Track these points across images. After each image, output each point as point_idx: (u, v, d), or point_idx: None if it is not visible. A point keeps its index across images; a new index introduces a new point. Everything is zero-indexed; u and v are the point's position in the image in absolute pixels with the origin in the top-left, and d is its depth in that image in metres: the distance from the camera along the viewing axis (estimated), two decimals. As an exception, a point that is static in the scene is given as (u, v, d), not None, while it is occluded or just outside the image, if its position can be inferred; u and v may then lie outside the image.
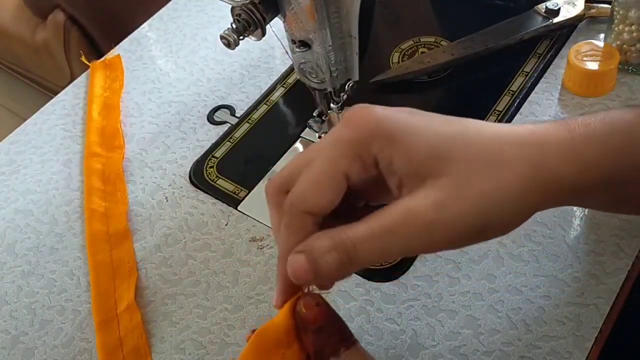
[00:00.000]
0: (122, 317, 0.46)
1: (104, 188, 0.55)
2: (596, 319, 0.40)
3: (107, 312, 0.47)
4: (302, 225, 0.29)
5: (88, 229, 0.52)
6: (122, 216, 0.53)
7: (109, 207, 0.54)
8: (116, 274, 0.49)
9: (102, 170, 0.57)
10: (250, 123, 0.58)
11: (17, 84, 1.67)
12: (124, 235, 0.51)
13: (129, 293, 0.47)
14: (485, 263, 0.44)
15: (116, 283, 0.48)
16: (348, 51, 0.44)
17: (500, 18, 0.58)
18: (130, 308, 0.46)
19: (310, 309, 0.29)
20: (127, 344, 0.45)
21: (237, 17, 0.41)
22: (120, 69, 0.66)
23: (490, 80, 0.56)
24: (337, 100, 0.48)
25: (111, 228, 0.52)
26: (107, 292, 0.48)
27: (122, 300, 0.47)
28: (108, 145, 0.59)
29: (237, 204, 0.52)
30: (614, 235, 0.43)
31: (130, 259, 0.50)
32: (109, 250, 0.50)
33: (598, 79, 0.51)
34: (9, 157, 0.61)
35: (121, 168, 0.57)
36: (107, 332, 0.46)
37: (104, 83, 0.65)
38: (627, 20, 0.51)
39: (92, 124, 0.61)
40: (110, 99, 0.63)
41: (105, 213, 0.53)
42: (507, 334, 0.40)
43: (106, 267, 0.49)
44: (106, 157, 0.58)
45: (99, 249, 0.51)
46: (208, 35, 0.68)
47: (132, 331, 0.45)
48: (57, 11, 1.23)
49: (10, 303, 0.49)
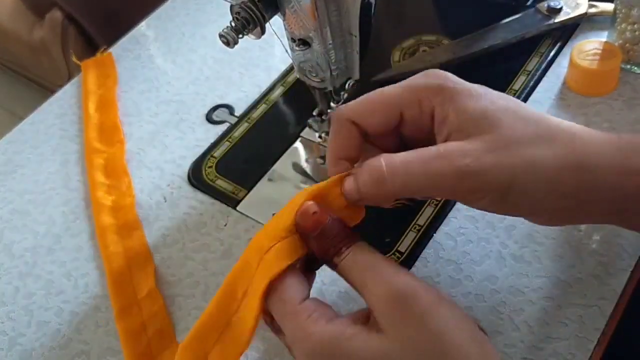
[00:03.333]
0: (144, 303, 0.46)
1: (109, 182, 0.55)
2: (599, 320, 0.40)
3: (126, 298, 0.47)
4: (349, 134, 0.33)
5: (97, 222, 0.52)
6: (130, 207, 0.53)
7: (116, 200, 0.54)
8: (131, 264, 0.49)
9: (105, 165, 0.57)
10: (250, 122, 0.58)
11: (14, 82, 1.67)
12: (134, 225, 0.51)
13: (148, 280, 0.47)
14: (487, 264, 0.43)
15: (132, 272, 0.48)
16: (348, 50, 0.44)
17: (502, 17, 0.58)
18: (152, 293, 0.46)
19: (308, 217, 0.30)
20: (151, 327, 0.45)
21: (236, 16, 0.41)
22: (111, 65, 0.66)
23: (492, 79, 0.55)
24: (337, 99, 0.47)
25: (120, 220, 0.52)
26: (124, 281, 0.48)
27: (141, 287, 0.47)
28: (108, 140, 0.59)
29: (236, 204, 0.51)
30: (616, 236, 0.43)
31: (144, 247, 0.50)
32: (120, 241, 0.50)
33: (600, 78, 0.51)
34: (6, 157, 0.60)
35: (124, 161, 0.57)
36: (128, 318, 0.45)
37: (97, 80, 0.65)
38: (629, 19, 0.50)
39: (89, 121, 0.61)
40: (105, 96, 0.63)
41: (112, 207, 0.53)
42: (509, 335, 0.40)
43: (119, 258, 0.49)
44: (107, 152, 0.58)
45: (110, 241, 0.50)
46: (207, 34, 0.68)
47: (155, 315, 0.45)
48: (55, 10, 1.22)
49: (7, 304, 0.49)
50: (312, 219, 0.30)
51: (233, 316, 0.32)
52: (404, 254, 0.45)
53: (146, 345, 0.44)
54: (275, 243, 0.31)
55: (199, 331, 0.33)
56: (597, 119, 0.50)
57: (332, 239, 0.30)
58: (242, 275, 0.32)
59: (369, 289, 0.29)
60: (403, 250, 0.45)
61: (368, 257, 0.29)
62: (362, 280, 0.29)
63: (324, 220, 0.30)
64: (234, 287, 0.32)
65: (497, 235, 0.45)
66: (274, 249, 0.31)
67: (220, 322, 0.32)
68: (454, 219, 0.46)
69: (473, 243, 0.45)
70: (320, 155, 0.54)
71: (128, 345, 0.44)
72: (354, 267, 0.29)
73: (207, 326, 0.33)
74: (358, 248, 0.30)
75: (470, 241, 0.45)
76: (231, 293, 0.32)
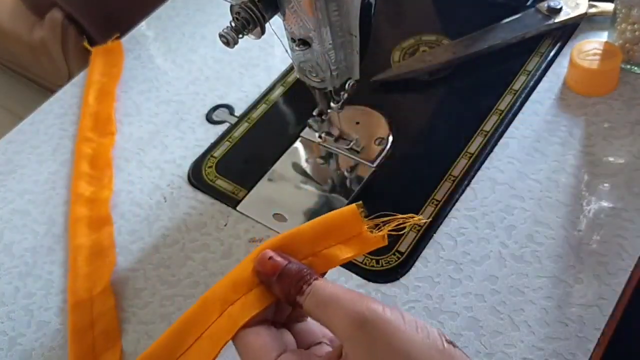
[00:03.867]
0: (97, 300, 0.47)
1: (92, 173, 0.56)
2: (599, 320, 0.40)
3: (82, 293, 0.47)
4: None
5: (72, 212, 0.53)
6: (105, 202, 0.53)
7: (95, 191, 0.54)
8: (94, 258, 0.49)
9: (92, 155, 0.57)
10: (250, 122, 0.58)
11: (14, 82, 1.67)
12: (105, 220, 0.52)
13: (104, 277, 0.48)
14: (487, 264, 0.43)
15: (94, 266, 0.49)
16: (348, 50, 0.44)
17: (502, 17, 0.58)
18: (105, 292, 0.47)
19: (265, 263, 0.31)
20: (98, 326, 0.45)
21: (236, 16, 0.41)
22: (120, 54, 0.67)
23: (492, 79, 0.56)
24: (337, 99, 0.47)
25: (94, 212, 0.52)
26: (84, 275, 0.48)
27: (99, 283, 0.48)
28: (100, 130, 0.59)
29: (236, 204, 0.51)
30: (616, 235, 0.43)
31: (110, 244, 0.50)
32: (89, 234, 0.51)
33: (600, 78, 0.51)
34: (7, 157, 0.60)
35: (110, 154, 0.57)
36: (79, 313, 0.46)
37: (103, 69, 0.65)
38: (629, 19, 0.50)
39: (87, 109, 0.61)
40: (107, 85, 0.64)
41: (90, 197, 0.54)
42: (509, 335, 0.40)
43: (85, 251, 0.50)
44: (97, 142, 0.58)
45: (80, 233, 0.51)
46: (207, 34, 0.68)
47: (105, 314, 0.46)
48: (55, 10, 1.22)
49: (7, 304, 0.49)
50: (269, 263, 0.31)
51: (180, 357, 0.32)
52: (404, 254, 0.45)
53: (91, 343, 0.44)
54: (240, 296, 0.32)
55: None
56: (597, 119, 0.50)
57: (291, 279, 0.31)
58: (199, 320, 0.32)
59: (333, 322, 0.29)
60: (403, 250, 0.45)
61: (328, 291, 0.30)
62: (326, 315, 0.29)
63: (281, 263, 0.31)
64: (188, 329, 0.32)
65: (497, 235, 0.45)
66: (239, 302, 0.32)
67: (166, 357, 0.33)
68: (454, 219, 0.46)
69: (473, 243, 0.45)
70: (320, 155, 0.54)
71: (74, 341, 0.45)
72: (317, 304, 0.30)
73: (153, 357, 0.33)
74: (318, 284, 0.30)
75: (470, 241, 0.45)
76: (184, 333, 0.32)
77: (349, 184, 0.51)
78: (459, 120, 0.53)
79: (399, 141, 0.53)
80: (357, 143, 0.52)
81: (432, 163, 0.51)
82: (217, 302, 0.32)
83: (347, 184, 0.51)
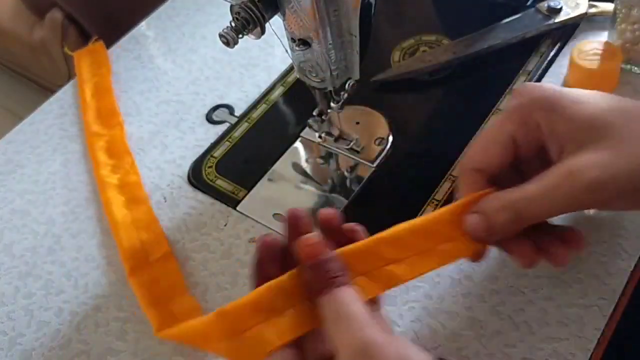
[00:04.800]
0: (156, 264, 0.47)
1: (112, 162, 0.56)
2: (599, 320, 0.40)
3: (137, 260, 0.47)
4: (476, 183, 0.34)
5: (104, 198, 0.52)
6: (136, 185, 0.53)
7: (121, 178, 0.54)
8: (140, 233, 0.49)
9: (107, 147, 0.57)
10: (250, 122, 0.58)
11: (14, 82, 1.67)
12: (141, 200, 0.52)
13: (161, 246, 0.48)
14: (487, 264, 0.43)
15: (142, 240, 0.49)
16: (348, 50, 0.44)
17: (502, 16, 0.58)
18: (166, 256, 0.47)
19: (308, 246, 0.31)
20: (163, 281, 0.46)
21: (236, 16, 0.41)
22: (104, 54, 0.67)
23: (492, 79, 0.56)
24: (337, 99, 0.47)
25: (127, 195, 0.52)
26: (134, 246, 0.48)
27: (154, 252, 0.48)
28: (107, 124, 0.59)
29: (236, 204, 0.51)
30: (616, 235, 0.43)
31: (152, 219, 0.50)
32: (129, 214, 0.51)
33: (601, 78, 0.51)
34: (6, 157, 0.60)
35: (125, 141, 0.57)
36: (141, 274, 0.46)
37: (90, 69, 0.65)
38: (629, 19, 0.50)
39: (87, 107, 0.61)
40: (101, 83, 0.63)
41: (118, 184, 0.53)
42: (509, 335, 0.40)
43: (128, 227, 0.50)
44: (108, 134, 0.58)
45: (118, 213, 0.51)
46: (207, 34, 0.68)
47: (168, 273, 0.46)
48: (55, 10, 1.22)
49: (7, 304, 0.49)
50: (311, 247, 0.31)
51: (289, 309, 0.31)
52: (404, 254, 0.45)
53: (160, 294, 0.45)
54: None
55: (249, 304, 0.31)
56: (597, 119, 0.50)
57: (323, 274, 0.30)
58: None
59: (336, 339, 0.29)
60: (403, 250, 0.45)
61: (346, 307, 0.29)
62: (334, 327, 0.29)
63: (319, 253, 0.30)
64: (298, 289, 0.31)
65: (497, 235, 0.45)
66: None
67: (274, 306, 0.31)
68: (454, 219, 0.46)
69: (473, 243, 0.45)
70: (320, 155, 0.54)
71: (142, 293, 0.45)
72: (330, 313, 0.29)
73: (259, 303, 0.31)
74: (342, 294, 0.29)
75: (470, 241, 0.45)
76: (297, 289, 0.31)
77: (349, 184, 0.51)
78: (459, 120, 0.53)
79: (399, 141, 0.53)
80: (357, 143, 0.52)
81: (432, 163, 0.51)
82: None
83: (347, 184, 0.51)
